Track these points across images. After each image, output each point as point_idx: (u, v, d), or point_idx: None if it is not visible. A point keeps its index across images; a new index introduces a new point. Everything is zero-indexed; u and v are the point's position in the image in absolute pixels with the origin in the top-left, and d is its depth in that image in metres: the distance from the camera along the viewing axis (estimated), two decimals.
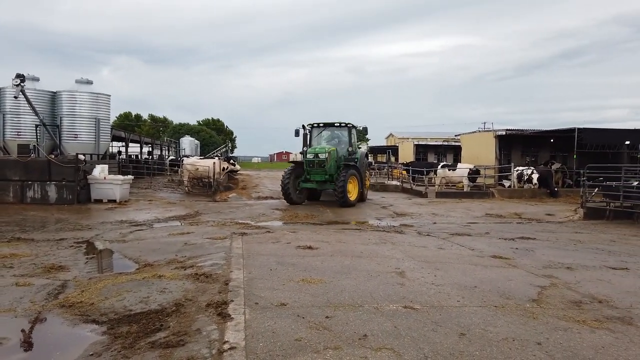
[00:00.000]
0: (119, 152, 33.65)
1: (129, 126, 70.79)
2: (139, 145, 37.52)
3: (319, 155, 15.48)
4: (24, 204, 14.83)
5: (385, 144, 62.50)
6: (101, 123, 19.05)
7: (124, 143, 32.88)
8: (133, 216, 12.91)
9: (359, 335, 4.19)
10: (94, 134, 18.68)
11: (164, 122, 72.17)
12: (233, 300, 5.05)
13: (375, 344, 3.99)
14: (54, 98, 18.49)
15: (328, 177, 15.62)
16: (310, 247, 8.18)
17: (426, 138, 51.41)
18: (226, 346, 3.83)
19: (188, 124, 73.80)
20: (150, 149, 43.38)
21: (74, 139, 18.37)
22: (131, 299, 5.21)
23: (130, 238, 9.48)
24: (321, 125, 17.05)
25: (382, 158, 51.46)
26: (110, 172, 16.56)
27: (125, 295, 5.36)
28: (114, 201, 15.44)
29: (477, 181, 22.27)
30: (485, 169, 22.61)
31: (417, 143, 39.44)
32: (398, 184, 25.14)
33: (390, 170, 31.02)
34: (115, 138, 28.83)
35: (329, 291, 5.57)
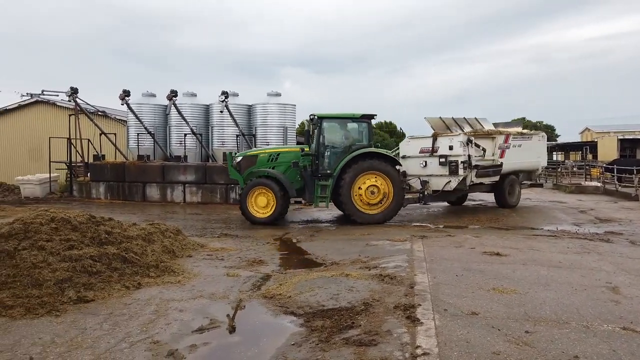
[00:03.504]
0: None
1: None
2: None
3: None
4: (227, 204, 17.06)
5: (579, 140, 55.31)
6: (288, 131, 20.89)
7: None
8: (317, 216, 13.79)
9: (569, 356, 3.71)
10: (282, 141, 20.55)
11: None
12: (420, 305, 4.95)
13: None
14: (249, 110, 20.91)
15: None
16: (498, 254, 7.62)
17: (634, 132, 44.00)
18: (419, 351, 3.75)
19: None
20: None
21: (266, 146, 20.51)
22: (323, 295, 5.50)
23: (317, 237, 10.11)
24: (332, 117, 12.66)
25: (575, 156, 45.69)
26: None
27: (317, 290, 5.69)
28: (300, 202, 16.68)
29: None
30: None
31: (622, 137, 33.98)
32: (599, 185, 21.97)
33: (588, 169, 27.39)
34: (298, 144, 31.23)
35: (526, 303, 5.08)
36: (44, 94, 25.52)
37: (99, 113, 22.15)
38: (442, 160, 13.14)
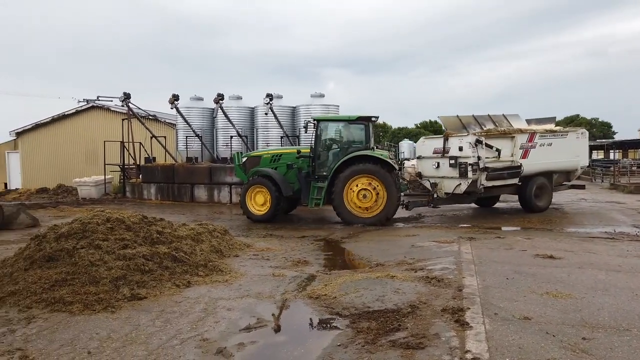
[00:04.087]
0: None
1: None
2: None
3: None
4: None
5: (639, 137, 52.37)
6: None
7: None
8: None
9: None
10: None
11: (384, 127, 75.48)
12: (469, 308, 4.83)
13: None
14: (293, 112, 21.12)
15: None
16: (551, 257, 7.31)
17: None
18: (469, 356, 3.66)
19: (406, 127, 75.28)
20: None
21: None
22: (368, 296, 5.46)
23: (361, 238, 10.06)
24: (329, 120, 13.29)
25: (634, 154, 43.35)
26: None
27: (362, 292, 5.66)
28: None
29: None
30: None
31: None
32: None
33: None
34: None
35: (582, 309, 4.85)
36: (99, 100, 26.79)
37: (150, 117, 23.00)
38: (452, 162, 12.52)
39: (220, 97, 19.35)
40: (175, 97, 19.31)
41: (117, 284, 5.67)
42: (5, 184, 28.01)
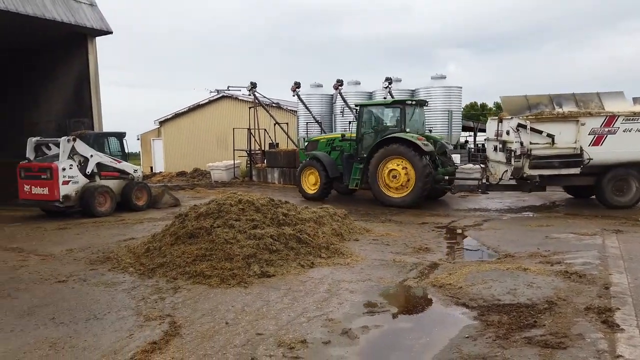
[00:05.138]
0: (466, 142, 34.69)
1: (474, 116, 72.13)
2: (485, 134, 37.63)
3: None
4: None
5: None
6: (453, 115, 20.05)
7: (471, 133, 33.67)
8: (485, 204, 12.99)
9: None
10: (446, 125, 19.85)
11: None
12: (619, 309, 4.30)
13: None
14: (413, 95, 20.61)
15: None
16: None
17: None
18: None
19: None
20: None
21: (428, 131, 19.99)
22: (498, 289, 5.15)
23: (486, 226, 9.53)
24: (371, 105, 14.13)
25: None
26: (460, 162, 17.21)
27: (490, 283, 5.35)
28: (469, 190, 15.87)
29: None
30: None
31: None
32: None
33: None
34: (463, 128, 29.76)
35: None
36: (229, 90, 28.74)
37: (274, 105, 24.12)
38: (500, 146, 11.62)
39: (339, 83, 19.59)
40: (297, 85, 19.96)
41: (249, 261, 6.06)
42: (151, 168, 31.56)
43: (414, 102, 13.38)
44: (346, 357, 3.72)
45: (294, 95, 20.48)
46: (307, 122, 21.28)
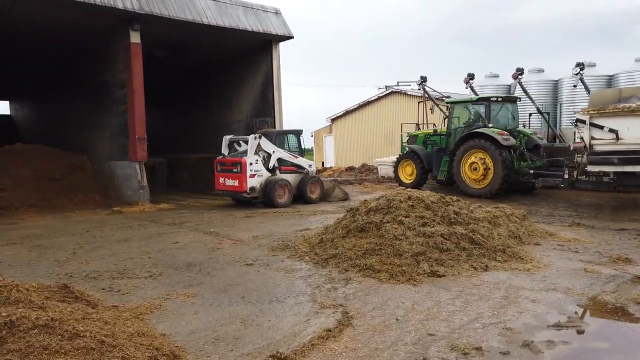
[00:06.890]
0: None
1: None
2: None
3: None
4: (573, 189, 15.12)
5: None
6: None
7: None
8: None
9: None
10: None
11: None
12: None
13: None
14: (610, 81, 17.91)
15: None
16: None
17: None
18: None
19: None
20: None
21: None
22: None
23: None
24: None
25: None
26: None
27: None
28: None
29: None
30: None
31: None
32: None
33: None
34: None
35: None
36: (398, 85, 28.85)
37: (443, 98, 23.39)
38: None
39: (519, 72, 18.00)
40: (471, 76, 18.96)
41: (418, 259, 5.96)
42: (322, 163, 33.42)
43: (500, 99, 14.20)
44: None
45: (466, 87, 19.53)
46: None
